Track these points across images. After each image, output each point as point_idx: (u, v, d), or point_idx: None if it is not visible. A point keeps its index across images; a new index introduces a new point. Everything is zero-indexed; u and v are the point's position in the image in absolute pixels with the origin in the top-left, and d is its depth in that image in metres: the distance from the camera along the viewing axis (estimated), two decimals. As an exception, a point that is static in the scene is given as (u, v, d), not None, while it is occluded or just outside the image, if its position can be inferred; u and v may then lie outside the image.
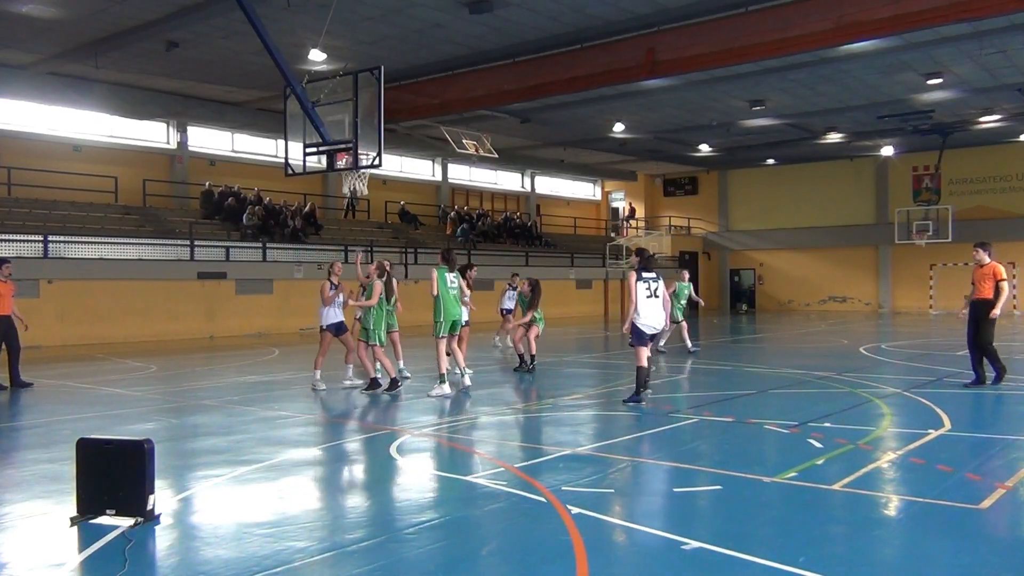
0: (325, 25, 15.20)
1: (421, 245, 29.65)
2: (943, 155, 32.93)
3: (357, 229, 30.36)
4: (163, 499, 5.53)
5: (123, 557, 4.51)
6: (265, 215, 26.29)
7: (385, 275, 11.07)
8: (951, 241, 31.88)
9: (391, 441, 7.73)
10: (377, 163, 12.47)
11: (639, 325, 9.36)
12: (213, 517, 5.40)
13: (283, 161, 13.79)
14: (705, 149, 34.39)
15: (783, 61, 19.84)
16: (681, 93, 24.05)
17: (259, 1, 13.95)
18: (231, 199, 26.43)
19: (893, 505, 5.52)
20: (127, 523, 4.99)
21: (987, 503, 5.44)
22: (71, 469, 5.25)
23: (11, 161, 22.89)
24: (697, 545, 4.62)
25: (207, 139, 28.31)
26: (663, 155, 36.29)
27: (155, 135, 27.03)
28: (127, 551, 4.60)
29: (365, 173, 12.92)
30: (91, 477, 5.08)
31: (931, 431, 7.83)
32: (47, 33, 17.99)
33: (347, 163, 12.88)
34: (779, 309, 39.25)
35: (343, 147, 12.71)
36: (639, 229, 40.87)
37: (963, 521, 5.14)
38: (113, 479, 5.03)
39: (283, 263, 24.49)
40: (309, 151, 13.23)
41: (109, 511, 5.04)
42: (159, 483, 5.42)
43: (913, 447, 7.16)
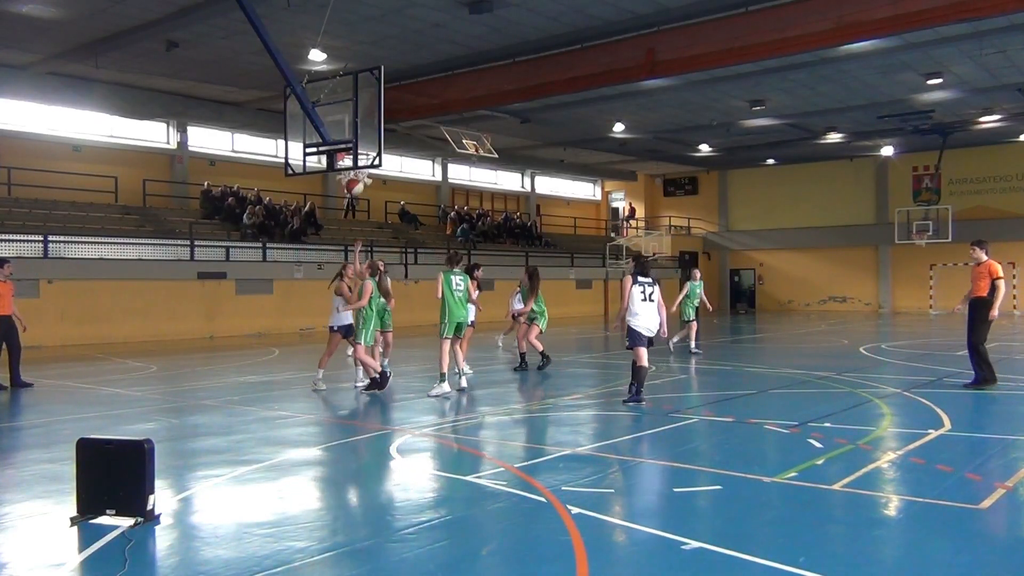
0: (324, 25, 15.20)
1: (421, 245, 29.65)
2: (943, 155, 32.93)
3: (357, 229, 30.35)
4: (163, 499, 5.53)
5: (123, 557, 4.51)
6: (266, 215, 26.29)
7: (378, 275, 10.98)
8: (951, 241, 31.89)
9: (391, 441, 7.73)
10: (377, 163, 12.47)
11: (636, 327, 9.44)
12: (213, 517, 5.40)
13: (283, 161, 13.78)
14: (705, 149, 34.38)
15: (783, 61, 19.85)
16: (681, 93, 24.05)
17: (259, 1, 13.96)
18: (231, 199, 26.43)
19: (893, 505, 5.52)
20: (127, 523, 4.99)
21: (987, 503, 5.44)
22: (71, 469, 5.25)
23: (11, 161, 22.89)
24: (697, 545, 4.61)
25: (207, 139, 28.32)
26: (663, 155, 36.29)
27: (155, 135, 27.03)
28: (127, 551, 4.60)
29: (365, 173, 12.91)
30: (91, 477, 5.08)
31: (931, 431, 7.83)
32: (47, 33, 17.99)
33: (349, 187, 12.99)
34: (779, 309, 39.25)
35: (343, 147, 12.71)
36: (639, 229, 40.85)
37: (963, 521, 5.14)
38: (113, 479, 5.03)
39: (283, 263, 24.49)
40: (309, 151, 13.23)
41: (109, 511, 5.04)
42: (159, 483, 5.42)
43: (913, 447, 7.16)
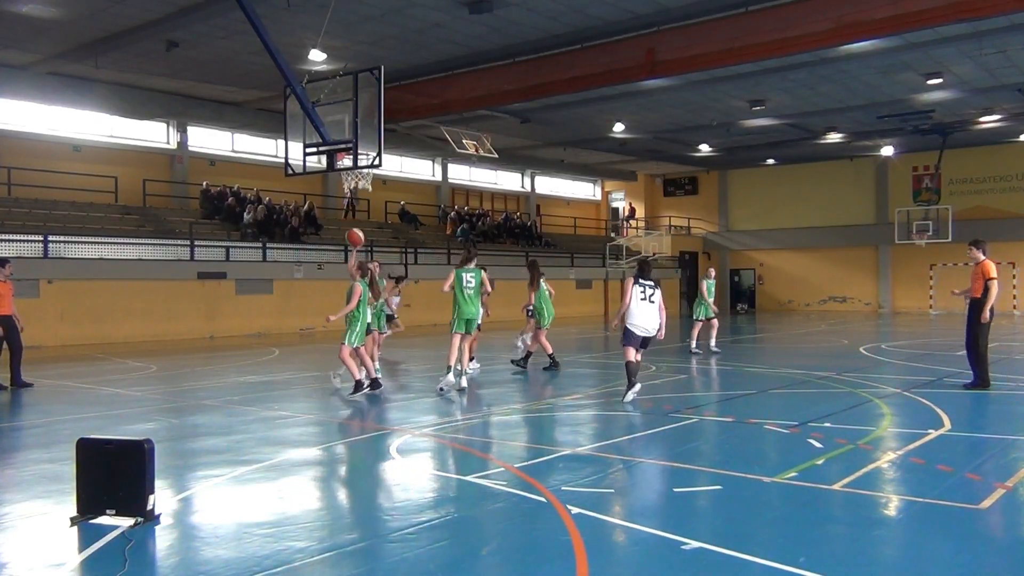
0: (324, 25, 15.21)
1: (421, 245, 29.65)
2: (943, 155, 32.93)
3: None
4: (163, 499, 5.53)
5: (123, 557, 4.51)
6: (267, 214, 26.29)
7: (368, 276, 10.83)
8: (951, 241, 31.89)
9: (391, 441, 7.73)
10: (377, 163, 12.47)
11: (630, 327, 9.67)
12: (213, 517, 5.40)
13: (283, 161, 13.79)
14: (705, 149, 34.38)
15: (783, 61, 19.84)
16: (681, 93, 24.04)
17: (259, 1, 13.95)
18: (231, 199, 26.43)
19: (893, 505, 5.52)
20: (127, 523, 4.99)
21: (987, 503, 5.44)
22: (71, 469, 5.25)
23: (11, 161, 22.88)
24: (697, 545, 4.62)
25: (207, 139, 28.31)
26: (663, 155, 36.28)
27: (155, 135, 27.03)
28: (127, 551, 4.60)
29: (368, 172, 12.91)
30: (91, 477, 5.08)
31: (931, 431, 7.83)
32: (47, 33, 17.99)
33: (350, 183, 12.99)
34: (779, 309, 39.25)
35: (343, 147, 12.71)
36: (639, 229, 40.85)
37: (963, 521, 5.14)
38: (113, 479, 5.03)
39: (283, 263, 24.49)
40: (309, 151, 13.23)
41: (109, 511, 5.04)
42: (159, 483, 5.42)
43: (913, 447, 7.16)
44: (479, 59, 20.02)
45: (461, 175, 37.72)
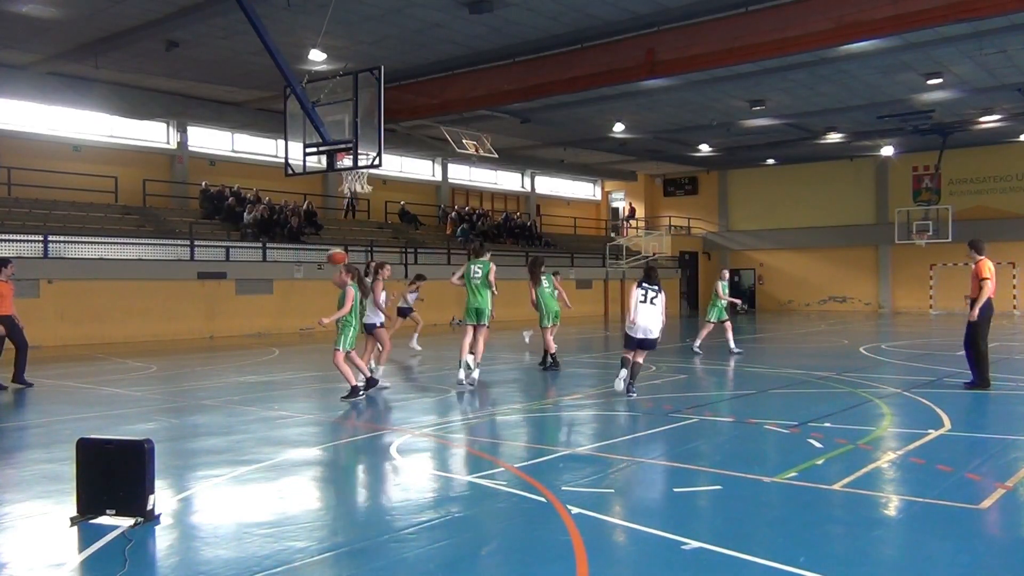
0: (324, 25, 15.20)
1: (421, 245, 29.64)
2: (943, 155, 32.93)
3: (357, 229, 30.37)
4: (163, 499, 5.53)
5: (123, 557, 4.51)
6: (269, 214, 26.27)
7: (357, 279, 10.51)
8: (951, 241, 31.86)
9: (391, 441, 7.73)
10: (377, 163, 12.47)
11: (628, 328, 10.15)
12: (213, 517, 5.40)
13: (283, 161, 13.79)
14: (705, 149, 34.38)
15: (783, 61, 19.84)
16: (681, 93, 24.04)
17: (259, 1, 13.95)
18: (231, 199, 26.43)
19: (893, 505, 5.52)
20: (127, 523, 4.99)
21: (987, 503, 5.44)
22: (71, 469, 5.25)
23: (11, 161, 22.88)
24: (697, 545, 4.62)
25: (207, 139, 28.31)
26: (663, 155, 36.28)
27: (155, 135, 27.03)
28: (127, 551, 4.60)
29: (364, 173, 12.91)
30: (91, 477, 5.08)
31: (931, 431, 7.83)
32: (47, 33, 17.99)
33: (349, 184, 13.00)
34: (779, 309, 39.24)
35: (343, 147, 12.71)
36: (639, 229, 40.85)
37: (963, 521, 5.14)
38: (113, 479, 5.03)
39: (283, 263, 24.49)
40: (309, 151, 13.23)
41: (109, 511, 5.04)
42: (159, 483, 5.42)
43: (913, 447, 7.16)
44: (479, 59, 20.02)
45: (461, 175, 37.72)
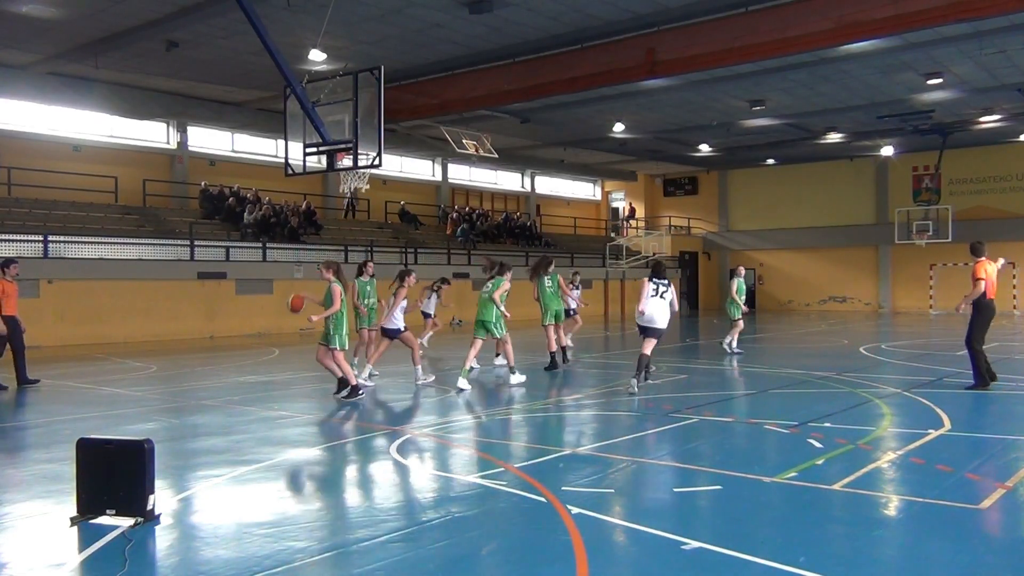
0: (324, 25, 15.20)
1: (421, 245, 29.64)
2: (943, 155, 32.91)
3: (357, 229, 30.35)
4: (163, 499, 5.53)
5: (123, 557, 4.51)
6: (271, 214, 26.26)
7: (336, 273, 10.49)
8: (951, 241, 31.88)
9: (391, 441, 7.73)
10: (377, 163, 12.48)
11: (638, 319, 10.77)
12: (213, 517, 5.40)
13: (283, 161, 13.79)
14: (705, 149, 34.37)
15: (783, 61, 19.83)
16: (681, 93, 24.04)
17: (259, 1, 13.95)
18: (231, 199, 26.42)
19: (893, 505, 5.52)
20: (127, 523, 4.99)
21: (987, 503, 5.44)
22: (71, 469, 5.25)
23: (11, 161, 22.88)
24: (697, 545, 4.62)
25: (207, 139, 28.30)
26: (663, 155, 36.28)
27: (155, 135, 27.02)
28: (127, 551, 4.60)
29: (365, 173, 12.92)
30: (91, 477, 5.08)
31: (931, 431, 7.83)
32: (47, 33, 17.98)
33: (348, 184, 13.08)
34: (779, 309, 39.23)
35: (343, 147, 12.72)
36: (639, 229, 40.85)
37: (963, 521, 5.14)
38: (113, 479, 5.03)
39: (283, 263, 24.48)
40: (309, 151, 13.23)
41: (109, 511, 5.04)
42: (159, 483, 5.43)
43: (913, 447, 7.16)
44: (479, 59, 20.02)
45: (461, 175, 37.72)
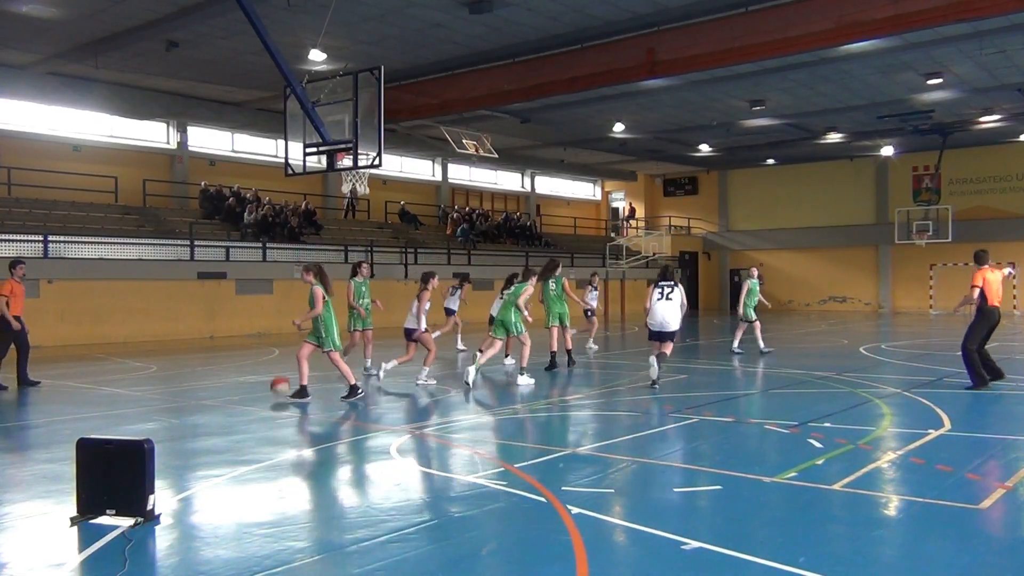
0: (324, 25, 15.20)
1: (421, 245, 29.64)
2: (943, 155, 32.91)
3: (357, 229, 30.35)
4: (163, 499, 5.53)
5: (123, 557, 4.51)
6: (271, 214, 26.24)
7: (317, 275, 10.30)
8: (951, 241, 31.91)
9: (391, 441, 7.73)
10: (377, 163, 12.48)
11: (647, 322, 11.29)
12: (213, 517, 5.40)
13: (283, 161, 13.79)
14: (705, 149, 34.38)
15: (783, 61, 19.83)
16: (681, 93, 24.04)
17: (259, 1, 13.95)
18: (231, 199, 26.42)
19: (893, 505, 5.52)
20: (127, 523, 4.99)
21: (987, 503, 5.44)
22: (71, 469, 5.25)
23: (11, 161, 22.88)
24: (697, 545, 4.62)
25: (207, 139, 28.30)
26: (663, 155, 36.28)
27: (155, 135, 27.03)
28: (127, 551, 4.60)
29: (365, 173, 12.93)
30: (91, 477, 5.08)
31: (931, 431, 7.83)
32: (47, 33, 17.98)
33: (349, 184, 13.16)
34: (779, 309, 39.21)
35: (343, 147, 12.72)
36: (639, 229, 40.85)
37: (963, 521, 5.14)
38: (113, 479, 5.03)
39: (283, 263, 24.48)
40: (309, 151, 13.23)
41: (109, 511, 5.04)
42: (159, 483, 5.43)
43: (913, 447, 7.16)
44: (479, 59, 20.02)
45: (461, 175, 37.72)
